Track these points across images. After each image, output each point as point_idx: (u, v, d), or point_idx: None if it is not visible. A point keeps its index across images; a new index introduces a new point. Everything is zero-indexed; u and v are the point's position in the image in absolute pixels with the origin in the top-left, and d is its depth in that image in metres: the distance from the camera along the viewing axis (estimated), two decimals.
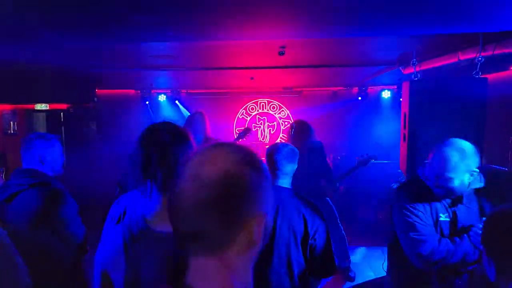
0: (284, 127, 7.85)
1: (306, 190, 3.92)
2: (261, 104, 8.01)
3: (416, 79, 3.13)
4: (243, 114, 8.00)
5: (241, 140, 4.48)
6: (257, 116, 8.03)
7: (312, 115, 7.38)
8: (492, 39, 2.96)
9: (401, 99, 3.50)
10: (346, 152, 6.81)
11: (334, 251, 2.27)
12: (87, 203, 3.19)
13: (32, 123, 6.46)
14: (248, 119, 7.99)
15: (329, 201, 4.32)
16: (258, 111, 8.03)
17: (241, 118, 8.00)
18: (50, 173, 2.46)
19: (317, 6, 1.94)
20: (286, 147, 2.41)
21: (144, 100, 7.51)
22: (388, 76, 5.52)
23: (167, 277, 1.36)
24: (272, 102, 7.99)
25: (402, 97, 3.12)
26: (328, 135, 6.72)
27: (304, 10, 2.00)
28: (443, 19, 2.31)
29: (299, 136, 4.13)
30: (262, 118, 8.02)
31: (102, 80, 6.19)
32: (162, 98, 7.53)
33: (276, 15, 2.14)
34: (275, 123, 8.00)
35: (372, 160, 4.02)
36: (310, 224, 2.23)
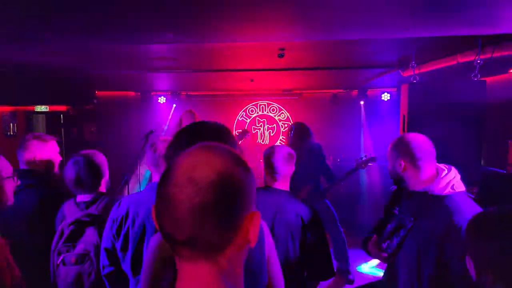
0: (284, 129, 7.85)
1: (306, 192, 3.95)
2: (261, 106, 8.01)
3: (415, 81, 3.14)
4: (243, 116, 8.00)
5: (239, 142, 4.49)
6: (257, 118, 8.03)
7: (312, 117, 7.38)
8: (491, 42, 2.97)
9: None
10: (346, 154, 6.81)
11: (332, 254, 2.27)
12: None
13: (32, 125, 6.47)
14: (248, 121, 8.00)
15: (328, 203, 4.32)
16: (258, 113, 8.03)
17: (241, 120, 8.00)
18: (47, 173, 2.47)
19: (316, 8, 1.95)
20: (284, 149, 2.40)
21: (144, 102, 7.52)
22: (387, 79, 5.52)
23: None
24: (272, 104, 7.99)
25: (401, 99, 3.12)
26: (328, 137, 6.72)
27: (303, 12, 2.00)
28: (442, 22, 2.31)
29: (299, 138, 4.14)
30: (262, 120, 8.03)
31: (101, 82, 6.21)
32: (162, 100, 7.54)
33: (275, 17, 2.14)
34: (274, 125, 8.00)
35: (371, 162, 4.01)
36: (308, 227, 2.23)
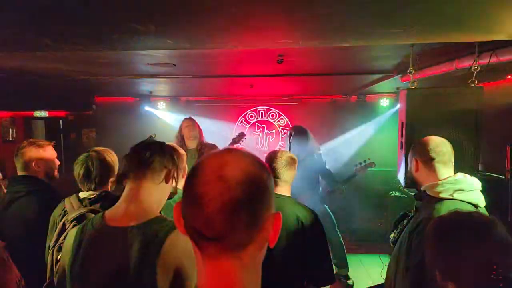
0: (283, 134, 7.86)
1: (305, 196, 3.95)
2: (260, 112, 8.03)
3: (413, 87, 3.15)
4: (242, 121, 8.01)
5: (235, 146, 4.48)
6: (256, 124, 8.04)
7: (311, 123, 7.38)
8: (489, 48, 2.99)
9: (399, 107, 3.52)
10: (345, 160, 6.82)
11: (332, 259, 2.27)
12: None
13: (31, 130, 6.48)
14: (247, 126, 8.01)
15: (327, 208, 4.32)
16: (258, 118, 8.04)
17: (240, 125, 8.01)
18: (45, 179, 2.47)
19: (313, 15, 1.96)
20: (285, 154, 2.41)
21: (143, 108, 7.53)
22: (386, 84, 5.54)
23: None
24: (271, 110, 8.01)
25: (399, 105, 3.13)
26: (328, 143, 6.74)
27: (301, 19, 2.02)
28: (439, 28, 2.33)
29: (298, 142, 4.13)
30: (261, 126, 8.04)
31: (101, 87, 6.21)
32: (161, 106, 7.56)
33: (274, 24, 2.16)
34: (274, 131, 8.01)
35: (370, 168, 4.02)
36: (308, 233, 2.23)
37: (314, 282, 2.28)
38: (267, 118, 8.03)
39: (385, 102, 7.33)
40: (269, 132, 8.03)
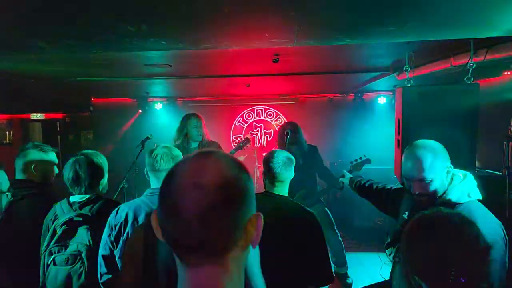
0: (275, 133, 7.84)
1: (302, 196, 3.94)
2: (257, 111, 8.03)
3: (409, 85, 3.15)
4: (239, 121, 8.01)
5: (240, 151, 4.42)
6: (253, 123, 8.04)
7: (308, 121, 7.40)
8: (484, 45, 2.99)
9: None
10: (343, 158, 6.81)
11: (331, 258, 2.27)
12: None
13: (28, 133, 6.46)
14: (245, 126, 8.01)
15: (325, 208, 4.32)
16: (255, 118, 8.04)
17: (237, 125, 8.01)
18: (43, 183, 2.46)
19: (307, 14, 1.96)
20: (283, 154, 2.41)
21: (140, 109, 7.52)
22: (383, 82, 5.55)
23: None
24: (269, 109, 8.01)
25: (395, 103, 3.13)
26: (325, 141, 6.73)
27: (294, 18, 2.02)
28: (434, 26, 2.33)
29: (294, 141, 4.11)
30: (259, 126, 8.04)
31: (97, 89, 6.20)
32: (158, 106, 7.55)
33: (268, 24, 2.15)
34: (271, 130, 8.02)
35: (366, 164, 4.02)
36: (306, 232, 2.23)
37: (313, 281, 2.28)
38: (264, 117, 8.03)
39: (382, 100, 7.35)
40: (266, 131, 8.03)
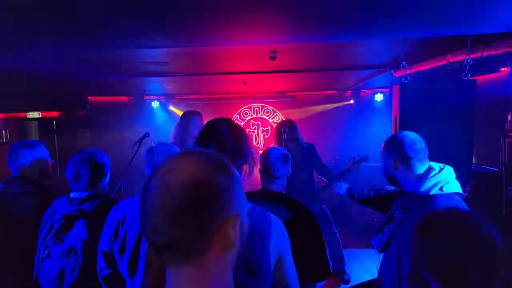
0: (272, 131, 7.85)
1: (300, 193, 3.94)
2: (254, 109, 8.02)
3: (406, 81, 3.16)
4: (237, 119, 8.01)
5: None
6: (251, 121, 8.04)
7: (306, 119, 7.43)
8: (481, 41, 3.00)
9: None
10: (340, 155, 6.83)
11: (328, 254, 2.27)
12: None
13: (24, 132, 6.44)
14: (242, 124, 8.00)
15: (322, 204, 4.33)
16: (252, 116, 8.04)
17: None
18: (41, 178, 2.47)
19: (305, 10, 1.96)
20: (279, 151, 2.41)
21: (137, 107, 7.50)
22: (380, 79, 5.56)
23: None
24: (266, 106, 8.01)
25: (393, 99, 3.14)
26: (322, 139, 6.74)
27: (292, 15, 2.01)
28: (431, 22, 2.34)
29: (292, 138, 4.11)
30: (256, 123, 8.04)
31: (94, 87, 6.17)
32: (155, 104, 7.53)
33: (264, 21, 2.15)
34: (269, 127, 8.02)
35: (364, 162, 4.02)
36: (303, 229, 2.23)
37: (310, 277, 2.28)
38: (261, 115, 8.03)
39: (379, 97, 7.36)
40: (264, 129, 8.03)
